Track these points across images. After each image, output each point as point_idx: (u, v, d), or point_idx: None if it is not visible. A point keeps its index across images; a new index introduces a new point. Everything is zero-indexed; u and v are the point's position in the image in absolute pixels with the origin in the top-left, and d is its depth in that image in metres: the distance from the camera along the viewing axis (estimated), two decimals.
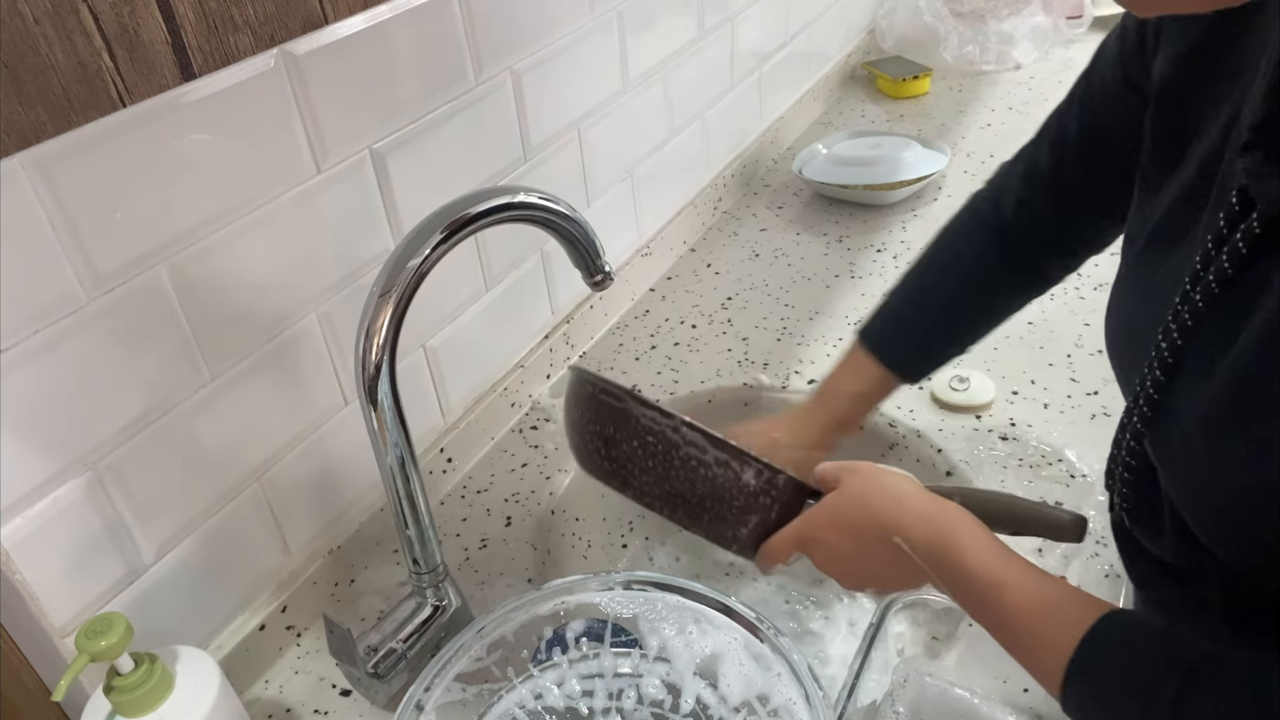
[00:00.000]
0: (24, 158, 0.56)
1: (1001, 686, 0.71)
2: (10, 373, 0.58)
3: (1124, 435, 0.57)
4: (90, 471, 0.64)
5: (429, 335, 0.91)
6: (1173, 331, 0.51)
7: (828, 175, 1.38)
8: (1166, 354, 0.52)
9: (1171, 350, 0.51)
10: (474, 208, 0.65)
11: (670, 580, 0.70)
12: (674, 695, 0.70)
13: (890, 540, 0.58)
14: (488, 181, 0.92)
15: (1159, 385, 0.52)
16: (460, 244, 0.66)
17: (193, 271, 0.67)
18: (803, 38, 1.56)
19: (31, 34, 0.54)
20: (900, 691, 0.72)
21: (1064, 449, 0.90)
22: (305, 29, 0.70)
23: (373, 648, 0.73)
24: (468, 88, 0.86)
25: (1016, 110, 1.61)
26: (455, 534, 0.91)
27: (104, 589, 0.67)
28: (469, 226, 0.65)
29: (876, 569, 0.61)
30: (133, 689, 0.60)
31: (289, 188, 0.72)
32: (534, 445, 1.00)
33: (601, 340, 1.15)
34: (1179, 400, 0.51)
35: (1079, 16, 1.82)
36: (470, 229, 0.65)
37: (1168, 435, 0.52)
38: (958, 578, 0.56)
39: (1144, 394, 0.53)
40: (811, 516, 0.63)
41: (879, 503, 0.60)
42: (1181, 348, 0.51)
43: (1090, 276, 1.16)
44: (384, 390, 0.65)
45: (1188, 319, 0.50)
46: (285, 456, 0.78)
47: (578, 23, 0.99)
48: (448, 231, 0.65)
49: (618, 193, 1.14)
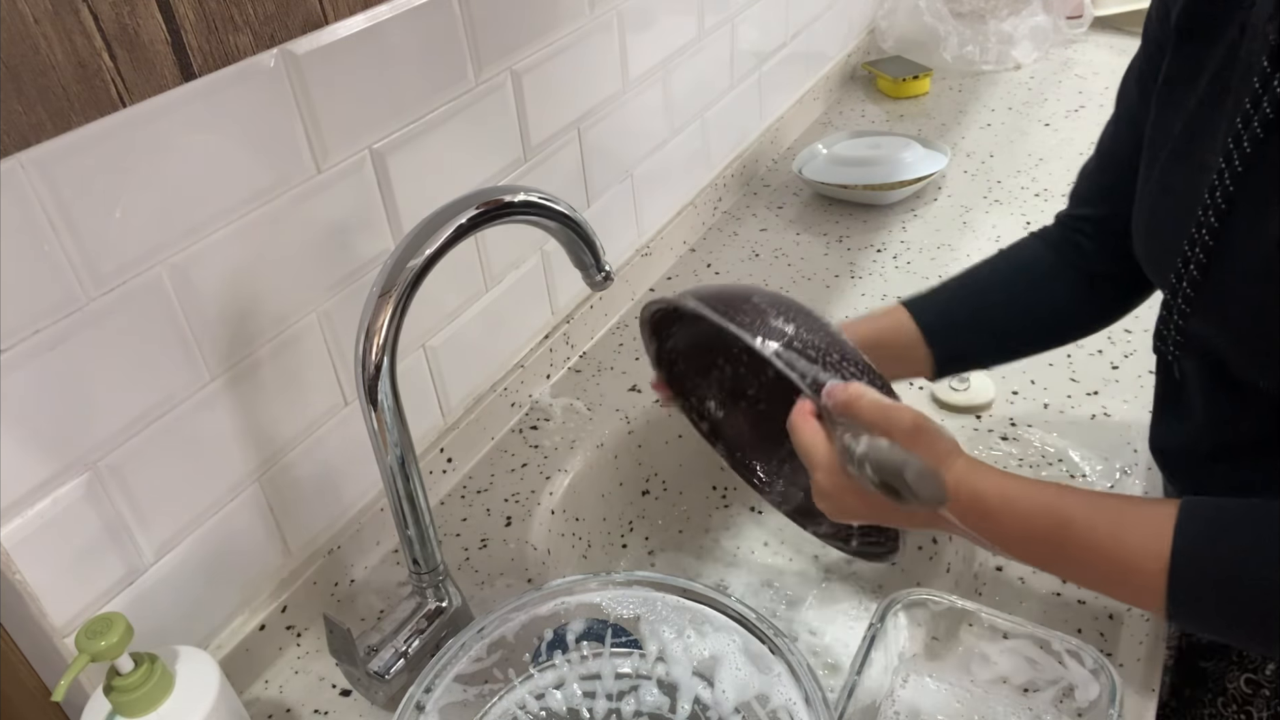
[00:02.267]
0: (24, 158, 0.56)
1: (1002, 686, 0.71)
2: (10, 373, 0.58)
3: (1171, 310, 0.62)
4: (90, 471, 0.64)
5: (429, 335, 0.91)
6: (1218, 191, 0.57)
7: (828, 175, 1.38)
8: (1213, 216, 0.58)
9: (1216, 213, 0.57)
10: (473, 208, 0.65)
11: (670, 580, 0.70)
12: (673, 696, 0.70)
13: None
14: (488, 181, 0.92)
15: (1206, 248, 0.58)
16: (460, 244, 0.66)
17: (193, 271, 0.67)
18: (803, 38, 1.56)
19: (31, 34, 0.54)
20: (900, 691, 0.72)
21: (1064, 449, 0.91)
22: (305, 29, 0.70)
23: (373, 648, 0.73)
24: (468, 88, 0.86)
25: (1016, 110, 1.61)
26: (455, 534, 0.91)
27: (104, 589, 0.67)
28: (468, 227, 0.65)
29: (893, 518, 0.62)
30: (133, 689, 0.60)
31: (289, 188, 0.72)
32: (534, 445, 1.00)
33: (601, 340, 1.15)
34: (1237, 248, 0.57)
35: (1079, 16, 1.82)
36: (470, 230, 0.65)
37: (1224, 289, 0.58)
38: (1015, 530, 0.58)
39: (1193, 259, 0.59)
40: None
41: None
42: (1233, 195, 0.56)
43: None
44: (384, 390, 0.65)
45: (1238, 165, 0.56)
46: (285, 456, 0.78)
47: (578, 23, 0.99)
48: (448, 232, 0.65)
49: (618, 193, 1.14)
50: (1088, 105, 1.59)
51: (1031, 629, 0.70)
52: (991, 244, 1.25)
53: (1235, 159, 0.57)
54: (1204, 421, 0.68)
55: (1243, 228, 0.57)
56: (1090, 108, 1.59)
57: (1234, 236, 0.58)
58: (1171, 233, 0.62)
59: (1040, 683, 0.70)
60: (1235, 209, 0.57)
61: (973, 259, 1.24)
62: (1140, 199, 0.67)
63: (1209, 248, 0.59)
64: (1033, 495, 0.58)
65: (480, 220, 0.66)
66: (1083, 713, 0.67)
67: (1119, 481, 0.87)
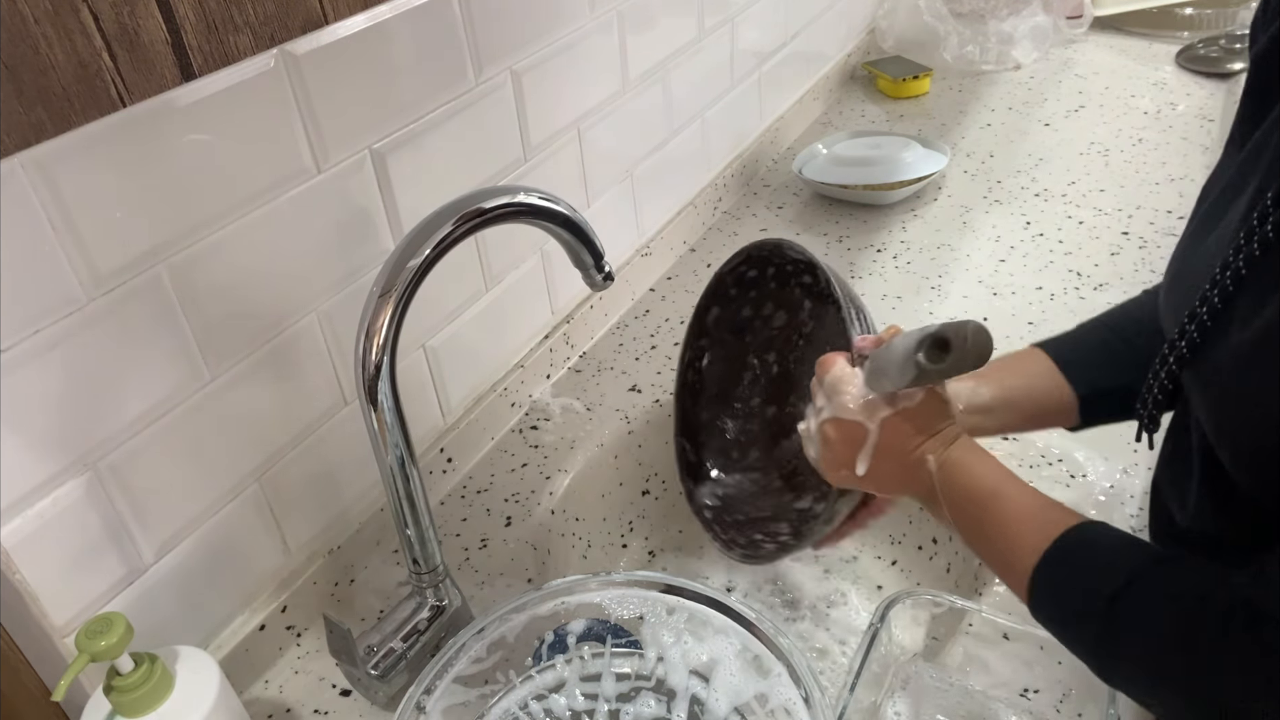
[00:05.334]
0: (24, 158, 0.55)
1: (1002, 686, 0.71)
2: (10, 373, 0.58)
3: (1161, 367, 0.59)
4: (90, 471, 0.64)
5: (429, 335, 0.91)
6: (1239, 257, 0.53)
7: (828, 175, 1.38)
8: (1229, 280, 0.53)
9: (1234, 278, 0.53)
10: (474, 208, 0.65)
11: (670, 580, 0.70)
12: (673, 696, 0.70)
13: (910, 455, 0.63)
14: (488, 181, 0.92)
15: (1215, 312, 0.54)
16: (460, 244, 0.66)
17: (193, 271, 0.67)
18: (803, 38, 1.56)
19: (31, 34, 0.54)
20: (900, 691, 0.72)
21: (1064, 449, 0.90)
22: (305, 29, 0.70)
23: (373, 648, 0.73)
24: (468, 88, 0.86)
25: (1016, 110, 1.61)
26: (455, 534, 0.91)
27: (104, 589, 0.67)
28: (469, 227, 0.65)
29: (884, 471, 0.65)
30: (133, 689, 0.60)
31: (289, 188, 0.72)
32: (534, 445, 1.00)
33: (601, 340, 1.15)
34: (1233, 325, 0.53)
35: (1079, 16, 1.82)
36: (470, 229, 0.65)
37: (1215, 360, 0.54)
38: (961, 487, 0.62)
39: (1196, 321, 0.55)
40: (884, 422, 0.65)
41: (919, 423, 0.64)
42: (1244, 277, 0.52)
43: (1090, 277, 1.16)
44: (384, 390, 0.65)
45: (1256, 248, 0.51)
46: (285, 456, 0.78)
47: (578, 23, 0.99)
48: (448, 232, 0.65)
49: (618, 193, 1.14)
50: (1088, 105, 1.59)
51: (1031, 629, 0.70)
52: (991, 243, 1.25)
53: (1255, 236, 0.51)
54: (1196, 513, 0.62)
55: (1244, 306, 0.52)
56: (1090, 108, 1.59)
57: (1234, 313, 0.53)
58: (1185, 289, 0.58)
59: (1040, 683, 0.70)
60: (1244, 286, 0.53)
61: (973, 259, 1.24)
62: (1179, 242, 0.64)
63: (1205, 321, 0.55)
64: (987, 468, 0.62)
65: (480, 220, 0.66)
66: (1082, 713, 0.67)
67: (1119, 481, 0.87)
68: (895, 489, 0.66)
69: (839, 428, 0.66)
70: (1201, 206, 0.62)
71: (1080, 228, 1.26)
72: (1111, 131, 1.50)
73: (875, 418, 0.64)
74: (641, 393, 1.05)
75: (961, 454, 0.63)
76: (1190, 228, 0.62)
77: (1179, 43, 1.75)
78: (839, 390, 0.66)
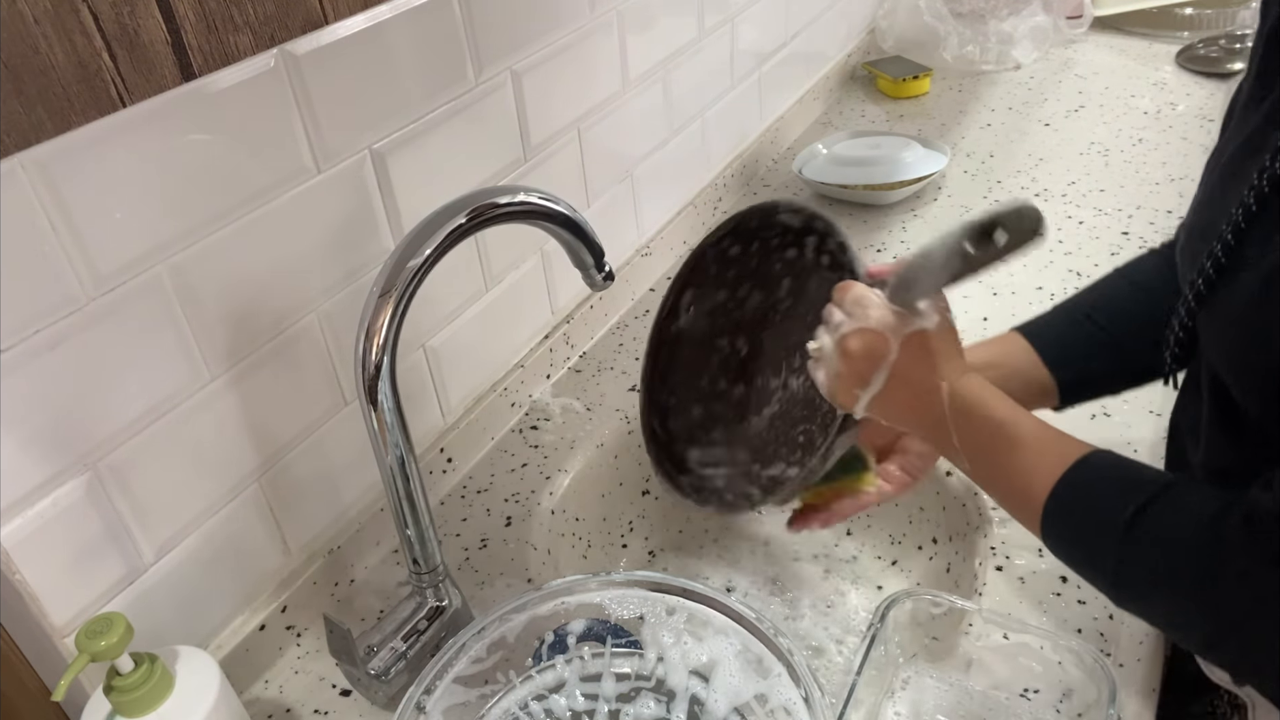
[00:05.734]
0: (24, 158, 0.55)
1: (1002, 687, 0.71)
2: (10, 373, 0.58)
3: (1181, 308, 0.62)
4: (90, 471, 0.64)
5: (429, 335, 0.91)
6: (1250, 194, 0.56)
7: (828, 175, 1.38)
8: (1241, 218, 0.56)
9: (1245, 215, 0.56)
10: (474, 208, 0.65)
11: (670, 580, 0.70)
12: (673, 696, 0.70)
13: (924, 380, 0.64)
14: (488, 181, 0.92)
15: (1228, 249, 0.57)
16: (460, 244, 0.66)
17: (193, 271, 0.67)
18: (803, 38, 1.56)
19: (31, 34, 0.54)
20: (900, 692, 0.72)
21: None
22: (305, 29, 0.70)
23: (373, 648, 0.73)
24: (468, 88, 0.86)
25: (1016, 110, 1.61)
26: (455, 534, 0.91)
27: (104, 589, 0.67)
28: (469, 227, 0.65)
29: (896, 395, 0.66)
30: (133, 689, 0.60)
31: (289, 188, 0.72)
32: (534, 445, 1.00)
33: (601, 340, 1.15)
34: (1246, 262, 0.56)
35: (1079, 16, 1.82)
36: (470, 230, 0.65)
37: (1228, 296, 0.57)
38: (974, 416, 0.63)
39: (1212, 259, 0.58)
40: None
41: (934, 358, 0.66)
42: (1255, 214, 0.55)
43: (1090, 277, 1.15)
44: (384, 390, 0.65)
45: (1265, 185, 0.54)
46: (285, 456, 0.78)
47: (578, 23, 0.99)
48: (447, 232, 0.65)
49: (618, 193, 1.14)
50: (1088, 105, 1.59)
51: (1031, 629, 0.70)
52: None
53: (1265, 173, 0.55)
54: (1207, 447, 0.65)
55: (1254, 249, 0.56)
56: (1090, 107, 1.59)
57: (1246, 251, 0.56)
58: (1201, 237, 0.62)
59: (1040, 683, 0.70)
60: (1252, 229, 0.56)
61: None
62: (1195, 197, 0.67)
63: (1220, 263, 0.58)
64: (1000, 400, 0.64)
65: (480, 220, 0.66)
66: (1082, 713, 0.67)
67: None
68: (902, 416, 0.67)
69: (862, 339, 0.66)
70: (1214, 168, 0.64)
71: (1080, 228, 1.26)
72: (1111, 131, 1.50)
73: (899, 333, 0.65)
74: None
75: (974, 385, 0.64)
76: (1207, 186, 0.65)
77: (1179, 43, 1.75)
78: (863, 304, 0.66)
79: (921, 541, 0.95)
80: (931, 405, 0.64)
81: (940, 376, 0.64)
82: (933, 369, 0.64)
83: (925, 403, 0.65)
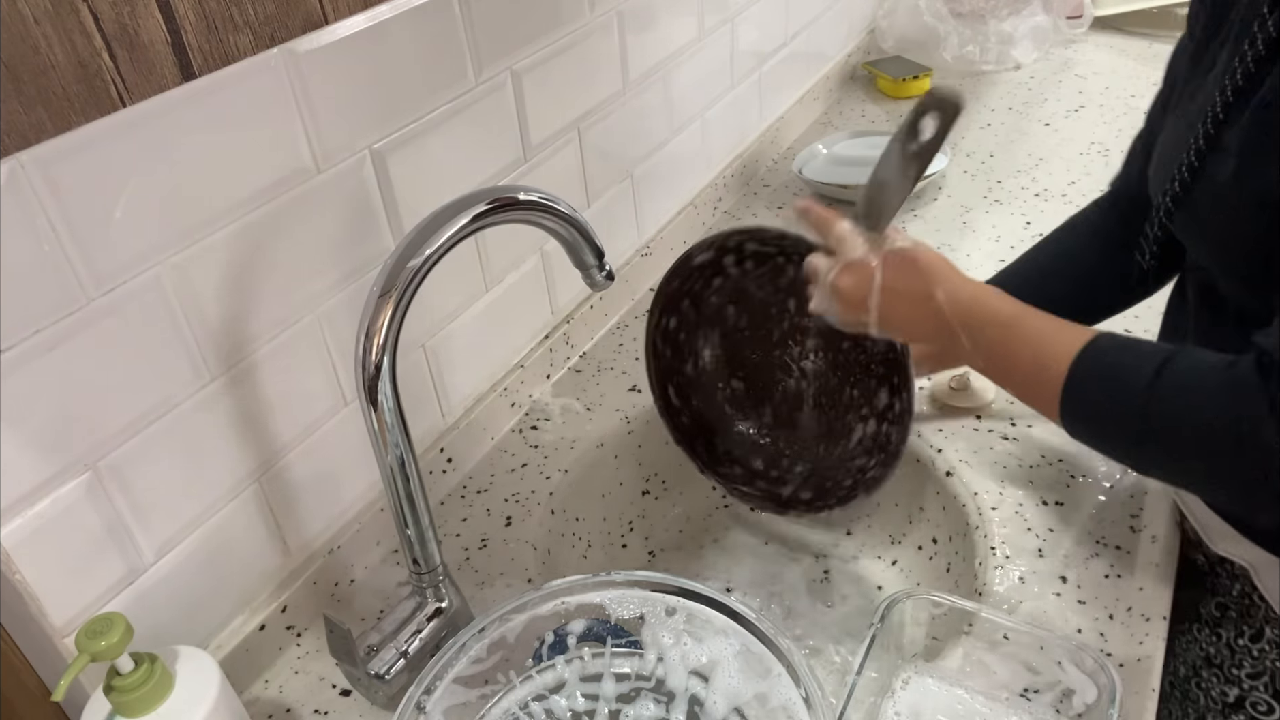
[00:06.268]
0: (24, 158, 0.55)
1: (1002, 687, 0.71)
2: (10, 373, 0.58)
3: (1158, 211, 0.70)
4: (90, 471, 0.64)
5: (429, 335, 0.91)
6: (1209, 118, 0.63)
7: (828, 175, 1.38)
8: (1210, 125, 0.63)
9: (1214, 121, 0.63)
10: (473, 208, 0.65)
11: (670, 580, 0.70)
12: (673, 696, 0.70)
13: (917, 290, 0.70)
14: (488, 181, 0.92)
15: (1200, 153, 0.64)
16: (460, 244, 0.66)
17: (192, 271, 0.67)
18: (803, 38, 1.56)
19: (31, 34, 0.54)
20: (900, 692, 0.72)
21: (1064, 449, 0.91)
22: (305, 29, 0.70)
23: (373, 648, 0.73)
24: (468, 88, 0.86)
25: (1016, 110, 1.61)
26: (455, 534, 0.91)
27: (104, 589, 0.67)
28: (469, 227, 0.65)
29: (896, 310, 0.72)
30: (133, 689, 0.60)
31: (289, 188, 0.72)
32: (534, 445, 1.00)
33: (601, 340, 1.15)
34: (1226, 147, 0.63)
35: (1079, 16, 1.82)
36: (470, 229, 0.65)
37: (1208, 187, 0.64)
38: (981, 313, 0.68)
39: (1179, 177, 0.66)
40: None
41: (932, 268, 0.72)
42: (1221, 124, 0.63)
43: None
44: (384, 390, 0.65)
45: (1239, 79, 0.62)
46: (285, 456, 0.78)
47: (578, 23, 0.99)
48: (448, 232, 0.64)
49: (618, 193, 1.14)
50: (1088, 105, 1.59)
51: (1031, 629, 0.70)
52: (991, 243, 1.25)
53: (1227, 90, 0.62)
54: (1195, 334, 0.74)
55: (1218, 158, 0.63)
56: (1090, 107, 1.59)
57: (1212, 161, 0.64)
58: (1170, 155, 0.69)
59: (1040, 683, 0.70)
60: (1219, 138, 0.63)
61: (973, 259, 1.24)
62: (1164, 130, 0.74)
63: (1193, 168, 0.65)
64: (1005, 299, 0.69)
65: (481, 220, 0.66)
66: (1082, 713, 0.67)
67: (1119, 481, 0.87)
68: (910, 329, 0.73)
69: (848, 273, 0.72)
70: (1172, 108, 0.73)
71: None
72: (1111, 131, 1.50)
73: (876, 253, 0.72)
74: (641, 393, 1.05)
75: (971, 288, 0.70)
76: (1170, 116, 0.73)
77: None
78: (842, 240, 0.73)
79: (921, 541, 0.95)
80: (932, 313, 0.70)
81: (933, 285, 0.69)
82: (922, 280, 0.70)
83: (924, 311, 0.70)
